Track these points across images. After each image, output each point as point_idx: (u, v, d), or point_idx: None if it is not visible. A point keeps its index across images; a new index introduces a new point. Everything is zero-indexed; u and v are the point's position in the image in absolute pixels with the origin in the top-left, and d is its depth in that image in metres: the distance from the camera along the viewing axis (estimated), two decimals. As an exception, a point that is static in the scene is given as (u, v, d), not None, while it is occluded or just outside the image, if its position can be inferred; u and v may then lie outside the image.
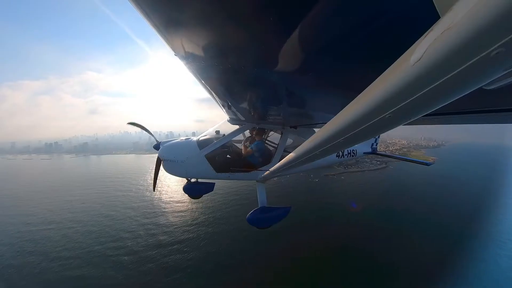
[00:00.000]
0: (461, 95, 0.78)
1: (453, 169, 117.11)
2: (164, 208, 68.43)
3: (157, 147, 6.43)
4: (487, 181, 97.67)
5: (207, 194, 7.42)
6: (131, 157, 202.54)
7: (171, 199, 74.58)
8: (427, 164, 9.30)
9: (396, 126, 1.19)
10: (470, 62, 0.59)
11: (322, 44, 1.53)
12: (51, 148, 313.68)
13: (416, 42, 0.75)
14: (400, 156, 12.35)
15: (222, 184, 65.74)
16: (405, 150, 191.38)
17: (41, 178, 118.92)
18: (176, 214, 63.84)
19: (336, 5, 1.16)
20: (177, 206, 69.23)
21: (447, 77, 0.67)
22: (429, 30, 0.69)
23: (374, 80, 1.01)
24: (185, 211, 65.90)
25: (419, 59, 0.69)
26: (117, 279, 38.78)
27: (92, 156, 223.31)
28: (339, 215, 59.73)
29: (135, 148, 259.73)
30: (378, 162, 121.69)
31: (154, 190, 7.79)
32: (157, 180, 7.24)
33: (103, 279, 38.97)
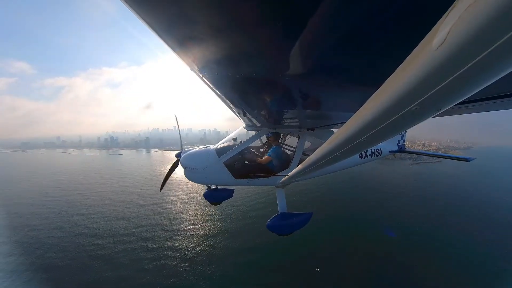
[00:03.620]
0: (499, 77, 0.67)
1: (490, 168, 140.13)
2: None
3: (179, 155, 6.64)
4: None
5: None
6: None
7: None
8: (467, 160, 9.10)
9: (425, 119, 1.10)
10: (506, 37, 0.51)
11: (334, 40, 1.45)
12: (110, 143, 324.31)
13: (438, 22, 0.66)
14: (434, 153, 11.60)
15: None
16: (442, 150, 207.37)
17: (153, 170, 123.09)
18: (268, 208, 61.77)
19: None
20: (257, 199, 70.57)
21: (480, 57, 0.58)
22: (451, 7, 0.61)
23: (394, 70, 0.93)
24: (264, 202, 67.14)
25: (443, 42, 0.62)
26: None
27: (155, 151, 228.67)
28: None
29: (201, 143, 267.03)
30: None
31: (161, 190, 8.02)
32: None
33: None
